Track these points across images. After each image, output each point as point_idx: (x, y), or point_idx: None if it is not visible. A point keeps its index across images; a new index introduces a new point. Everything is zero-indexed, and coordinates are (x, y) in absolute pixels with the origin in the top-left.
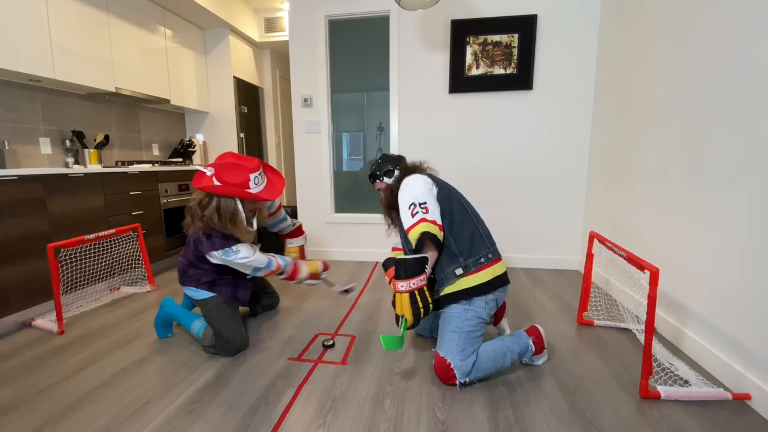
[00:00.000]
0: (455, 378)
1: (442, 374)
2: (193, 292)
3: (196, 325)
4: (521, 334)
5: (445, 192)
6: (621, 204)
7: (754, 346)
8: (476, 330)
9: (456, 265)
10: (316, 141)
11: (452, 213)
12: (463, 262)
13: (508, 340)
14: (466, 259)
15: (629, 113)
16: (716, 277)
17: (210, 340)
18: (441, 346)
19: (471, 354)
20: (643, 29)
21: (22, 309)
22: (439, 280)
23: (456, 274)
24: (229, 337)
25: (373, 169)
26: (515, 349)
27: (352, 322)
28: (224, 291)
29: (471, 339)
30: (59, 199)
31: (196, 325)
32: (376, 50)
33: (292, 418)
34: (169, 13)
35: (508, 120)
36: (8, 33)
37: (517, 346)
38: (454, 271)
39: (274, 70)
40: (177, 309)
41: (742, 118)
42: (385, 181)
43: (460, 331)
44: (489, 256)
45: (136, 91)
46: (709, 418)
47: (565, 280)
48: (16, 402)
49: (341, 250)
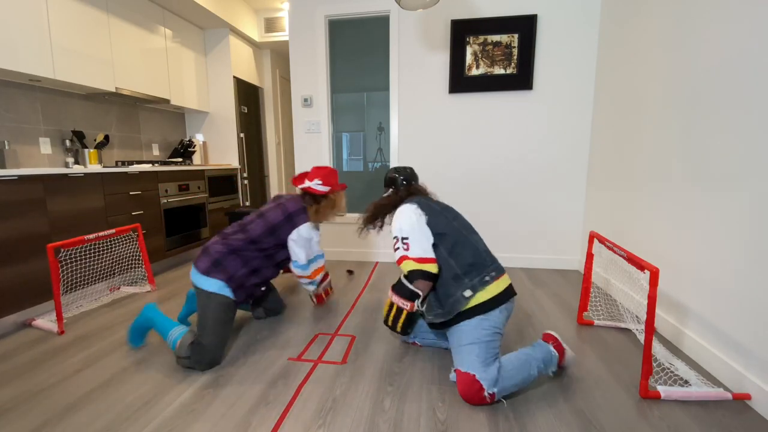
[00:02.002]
0: (483, 390)
1: (468, 391)
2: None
3: (173, 334)
4: (539, 342)
5: (441, 216)
6: (621, 204)
7: (754, 346)
8: (494, 341)
9: (463, 287)
10: (316, 141)
11: (449, 235)
12: (469, 283)
13: (528, 350)
14: (471, 280)
15: (629, 113)
16: (716, 277)
17: (186, 351)
18: (460, 362)
19: (493, 362)
20: (643, 29)
21: (22, 309)
22: (449, 306)
23: (465, 296)
24: (209, 343)
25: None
26: (538, 356)
27: (352, 322)
28: (240, 295)
29: (490, 349)
30: (59, 199)
31: (174, 334)
32: (376, 50)
33: (292, 418)
34: (169, 13)
35: (508, 120)
36: (8, 33)
37: (539, 352)
38: (463, 294)
39: (274, 70)
40: (158, 315)
41: (742, 119)
42: (389, 192)
43: (479, 342)
44: (493, 274)
45: (136, 91)
46: (709, 418)
47: (565, 280)
48: (16, 402)
49: (341, 250)
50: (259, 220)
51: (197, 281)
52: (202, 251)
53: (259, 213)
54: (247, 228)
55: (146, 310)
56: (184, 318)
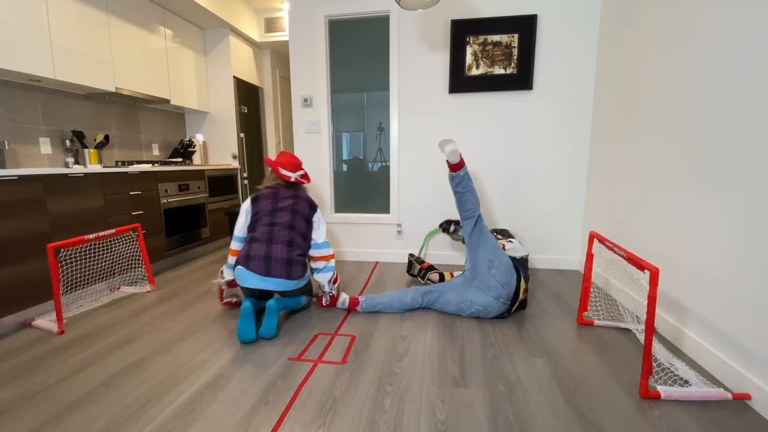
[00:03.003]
0: None
1: None
2: (302, 281)
3: (302, 300)
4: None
5: None
6: (621, 204)
7: (754, 346)
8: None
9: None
10: (316, 141)
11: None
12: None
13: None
14: None
15: (629, 113)
16: (716, 277)
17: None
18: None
19: None
20: (643, 29)
21: (22, 309)
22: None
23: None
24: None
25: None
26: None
27: (352, 322)
28: None
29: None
30: (59, 199)
31: (303, 300)
32: (376, 50)
33: (292, 418)
34: (169, 13)
35: (508, 120)
36: (8, 33)
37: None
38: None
39: (274, 70)
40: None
41: (742, 118)
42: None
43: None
44: None
45: (136, 91)
46: (709, 418)
47: (565, 280)
48: (16, 402)
49: (341, 250)
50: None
51: (291, 287)
52: (287, 263)
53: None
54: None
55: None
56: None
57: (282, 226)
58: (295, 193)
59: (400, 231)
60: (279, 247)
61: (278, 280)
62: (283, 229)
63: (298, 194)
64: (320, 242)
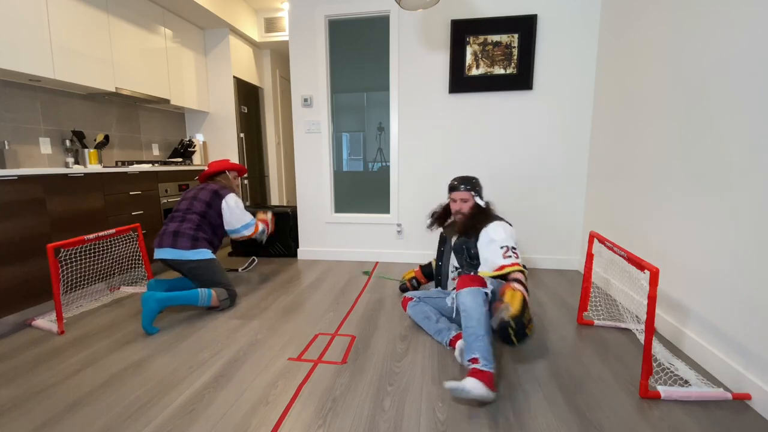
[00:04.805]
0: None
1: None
2: (201, 254)
3: (202, 293)
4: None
5: None
6: (621, 204)
7: (754, 346)
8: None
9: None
10: (316, 141)
11: None
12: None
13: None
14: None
15: (629, 113)
16: (716, 277)
17: (224, 294)
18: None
19: None
20: (643, 29)
21: (22, 309)
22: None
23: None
24: (231, 285)
25: (473, 182)
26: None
27: (352, 322)
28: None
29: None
30: (59, 199)
31: (203, 293)
32: (376, 50)
33: (292, 418)
34: (169, 13)
35: (508, 120)
36: (8, 33)
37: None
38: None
39: (274, 70)
40: (165, 294)
41: (742, 118)
42: (475, 198)
43: None
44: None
45: (136, 91)
46: (709, 418)
47: (565, 280)
48: (16, 402)
49: (341, 250)
50: (196, 202)
51: (192, 257)
52: (174, 234)
53: (192, 197)
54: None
55: (149, 297)
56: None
57: (180, 211)
58: (204, 186)
59: (400, 231)
60: (173, 224)
61: (166, 250)
62: (178, 212)
63: (207, 186)
64: (238, 227)
